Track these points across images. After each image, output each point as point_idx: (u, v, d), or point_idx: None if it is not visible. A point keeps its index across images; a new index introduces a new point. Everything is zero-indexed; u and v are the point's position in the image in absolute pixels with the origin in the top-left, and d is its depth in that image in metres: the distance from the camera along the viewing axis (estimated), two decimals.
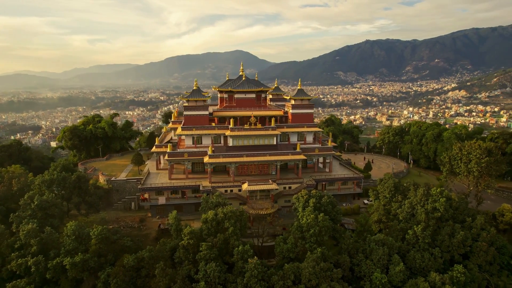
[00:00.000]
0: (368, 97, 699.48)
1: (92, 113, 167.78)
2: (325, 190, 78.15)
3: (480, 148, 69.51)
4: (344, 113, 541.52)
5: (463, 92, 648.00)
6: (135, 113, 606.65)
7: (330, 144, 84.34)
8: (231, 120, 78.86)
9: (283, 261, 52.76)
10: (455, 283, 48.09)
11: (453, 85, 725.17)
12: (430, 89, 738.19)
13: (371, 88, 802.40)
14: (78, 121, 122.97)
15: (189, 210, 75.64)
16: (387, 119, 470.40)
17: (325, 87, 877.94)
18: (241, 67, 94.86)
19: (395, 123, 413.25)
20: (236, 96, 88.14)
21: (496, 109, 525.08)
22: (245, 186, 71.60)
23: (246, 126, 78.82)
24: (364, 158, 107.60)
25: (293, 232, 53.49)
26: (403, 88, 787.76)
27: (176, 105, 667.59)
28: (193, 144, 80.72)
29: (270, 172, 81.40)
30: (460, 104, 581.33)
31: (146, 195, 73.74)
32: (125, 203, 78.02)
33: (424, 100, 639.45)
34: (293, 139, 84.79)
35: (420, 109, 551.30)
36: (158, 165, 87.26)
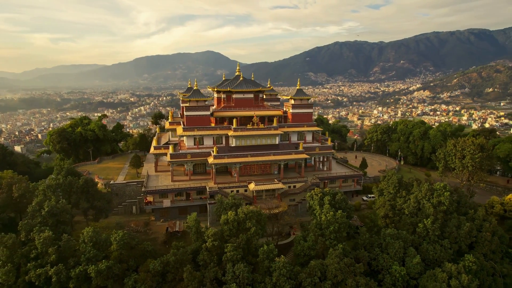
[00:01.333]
0: (339, 97, 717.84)
1: (58, 115, 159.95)
2: (327, 188, 79.59)
3: (474, 144, 73.65)
4: (316, 113, 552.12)
5: (427, 92, 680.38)
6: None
7: (329, 143, 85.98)
8: (234, 120, 78.44)
9: (299, 259, 53.30)
10: (468, 272, 50.68)
11: (417, 86, 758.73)
12: (397, 89, 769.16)
13: (341, 89, 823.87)
14: (64, 123, 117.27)
15: (193, 212, 74.34)
16: (358, 119, 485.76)
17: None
18: (237, 67, 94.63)
19: (367, 122, 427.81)
20: (234, 96, 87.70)
21: (457, 108, 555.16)
22: (252, 186, 71.47)
23: (249, 126, 78.71)
24: (356, 156, 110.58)
25: (312, 230, 54.13)
26: (372, 88, 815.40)
27: (148, 106, 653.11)
28: (194, 145, 79.50)
29: (272, 172, 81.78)
30: (425, 104, 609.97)
31: (150, 198, 71.82)
32: (126, 207, 75.60)
33: (392, 100, 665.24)
34: (293, 138, 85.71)
35: (389, 109, 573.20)
36: (156, 167, 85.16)
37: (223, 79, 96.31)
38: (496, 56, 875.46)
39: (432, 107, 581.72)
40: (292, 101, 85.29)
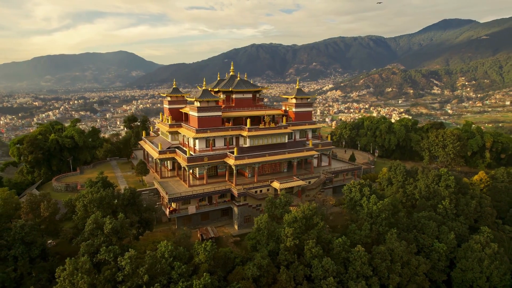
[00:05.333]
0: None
1: None
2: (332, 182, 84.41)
3: (453, 135, 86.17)
4: None
5: (339, 92, 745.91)
6: (1, 121, 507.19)
7: (329, 139, 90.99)
8: (248, 120, 77.86)
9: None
10: (492, 241, 60.05)
11: (330, 86, 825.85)
12: (312, 90, 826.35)
13: None
14: (32, 130, 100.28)
15: (215, 216, 72.27)
16: None
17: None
18: (231, 67, 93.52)
19: None
20: (234, 96, 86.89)
21: (366, 106, 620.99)
22: (276, 185, 72.16)
23: (261, 126, 79.01)
24: (345, 151, 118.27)
25: (365, 219, 57.78)
26: (289, 89, 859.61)
27: (57, 111, 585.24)
28: (206, 147, 76.63)
29: (282, 170, 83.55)
30: (339, 103, 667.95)
31: (173, 206, 67.28)
32: None
33: (308, 100, 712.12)
34: (297, 136, 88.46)
35: None
36: (161, 174, 79.58)
37: (218, 79, 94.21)
38: (391, 60, 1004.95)
39: (346, 105, 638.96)
40: (294, 100, 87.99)
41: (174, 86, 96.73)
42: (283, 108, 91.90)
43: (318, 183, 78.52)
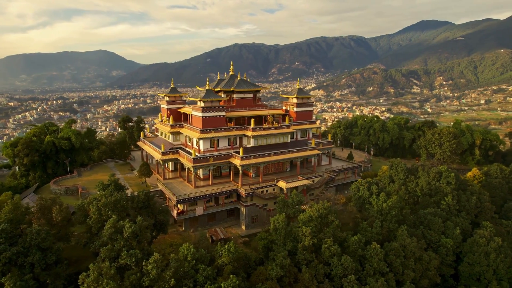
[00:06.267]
0: None
1: None
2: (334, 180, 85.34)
3: (449, 133, 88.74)
4: None
5: (321, 91, 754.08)
6: None
7: (330, 138, 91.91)
8: (252, 120, 77.62)
9: (367, 244, 57.08)
10: (495, 235, 62.26)
11: (313, 85, 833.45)
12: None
13: None
14: (25, 132, 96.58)
15: (222, 217, 71.81)
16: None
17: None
18: (231, 67, 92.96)
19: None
20: (235, 96, 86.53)
21: (349, 105, 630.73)
22: (282, 184, 72.36)
23: (264, 125, 78.99)
24: (342, 149, 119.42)
25: (375, 217, 58.71)
26: (272, 88, 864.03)
27: (34, 111, 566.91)
28: (210, 147, 75.93)
29: (284, 169, 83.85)
30: (322, 102, 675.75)
31: (181, 207, 66.37)
32: None
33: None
34: (298, 136, 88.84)
35: None
36: (164, 175, 78.33)
37: (218, 78, 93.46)
38: (371, 60, 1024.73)
39: (329, 104, 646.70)
40: (295, 100, 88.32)
41: (172, 86, 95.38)
42: (284, 107, 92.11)
43: (321, 182, 79.23)
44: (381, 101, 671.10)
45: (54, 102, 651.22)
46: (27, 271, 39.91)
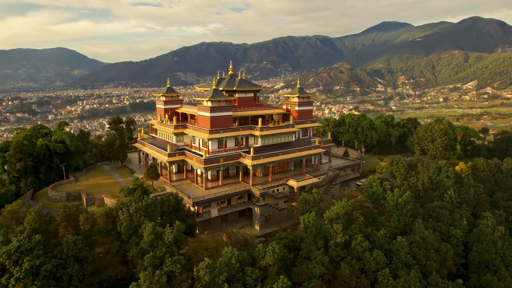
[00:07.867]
0: None
1: None
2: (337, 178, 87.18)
3: (441, 130, 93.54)
4: None
5: (290, 90, 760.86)
6: None
7: (329, 136, 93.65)
8: (259, 120, 77.42)
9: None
10: (497, 223, 66.56)
11: (281, 84, 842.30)
12: (263, 88, 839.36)
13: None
14: (13, 136, 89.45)
15: (234, 218, 71.21)
16: None
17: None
18: (231, 66, 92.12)
19: None
20: (237, 95, 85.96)
21: (318, 104, 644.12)
22: (293, 183, 72.90)
23: (271, 125, 79.10)
24: (337, 146, 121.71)
25: (392, 211, 60.77)
26: None
27: None
28: (219, 148, 74.91)
29: (289, 168, 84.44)
30: None
31: (194, 209, 64.85)
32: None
33: (262, 98, 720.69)
34: (300, 134, 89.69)
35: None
36: (170, 177, 76.15)
37: (218, 78, 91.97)
38: (337, 59, 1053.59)
39: None
40: (297, 99, 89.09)
41: (168, 86, 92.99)
42: (284, 107, 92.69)
43: (327, 180, 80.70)
44: (348, 99, 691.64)
45: (10, 102, 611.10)
46: (65, 283, 37.45)
